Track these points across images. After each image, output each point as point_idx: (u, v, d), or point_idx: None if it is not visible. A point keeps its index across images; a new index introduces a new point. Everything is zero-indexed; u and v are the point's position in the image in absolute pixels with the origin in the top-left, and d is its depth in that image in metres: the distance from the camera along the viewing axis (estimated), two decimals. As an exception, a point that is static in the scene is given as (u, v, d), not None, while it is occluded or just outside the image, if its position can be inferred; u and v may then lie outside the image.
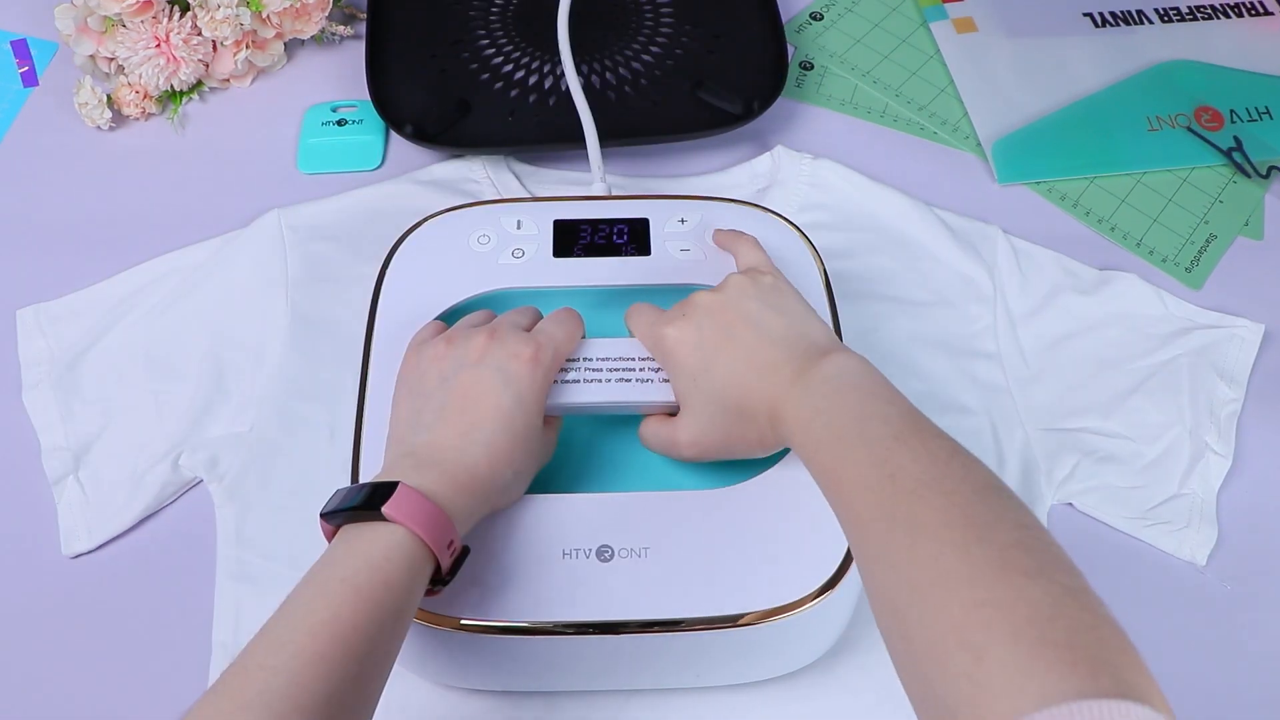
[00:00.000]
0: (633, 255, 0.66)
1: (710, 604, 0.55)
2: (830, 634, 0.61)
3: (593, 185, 0.74)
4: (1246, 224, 0.85)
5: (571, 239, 0.67)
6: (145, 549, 0.68)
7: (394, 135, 0.85)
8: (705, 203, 0.69)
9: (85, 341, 0.73)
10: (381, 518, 0.49)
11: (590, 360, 0.60)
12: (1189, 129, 0.89)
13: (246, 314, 0.74)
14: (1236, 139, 0.88)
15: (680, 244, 0.67)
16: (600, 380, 0.59)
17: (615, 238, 0.67)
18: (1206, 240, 0.84)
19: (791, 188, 0.81)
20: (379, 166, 0.85)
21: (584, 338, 0.61)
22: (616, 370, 0.60)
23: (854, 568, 0.54)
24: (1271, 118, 0.90)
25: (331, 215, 0.79)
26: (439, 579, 0.51)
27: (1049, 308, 0.77)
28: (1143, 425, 0.73)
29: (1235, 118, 0.89)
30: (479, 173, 0.82)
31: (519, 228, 0.67)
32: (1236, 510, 0.71)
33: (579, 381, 0.59)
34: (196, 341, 0.73)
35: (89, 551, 0.68)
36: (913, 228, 0.80)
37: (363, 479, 0.58)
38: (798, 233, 0.68)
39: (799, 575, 0.55)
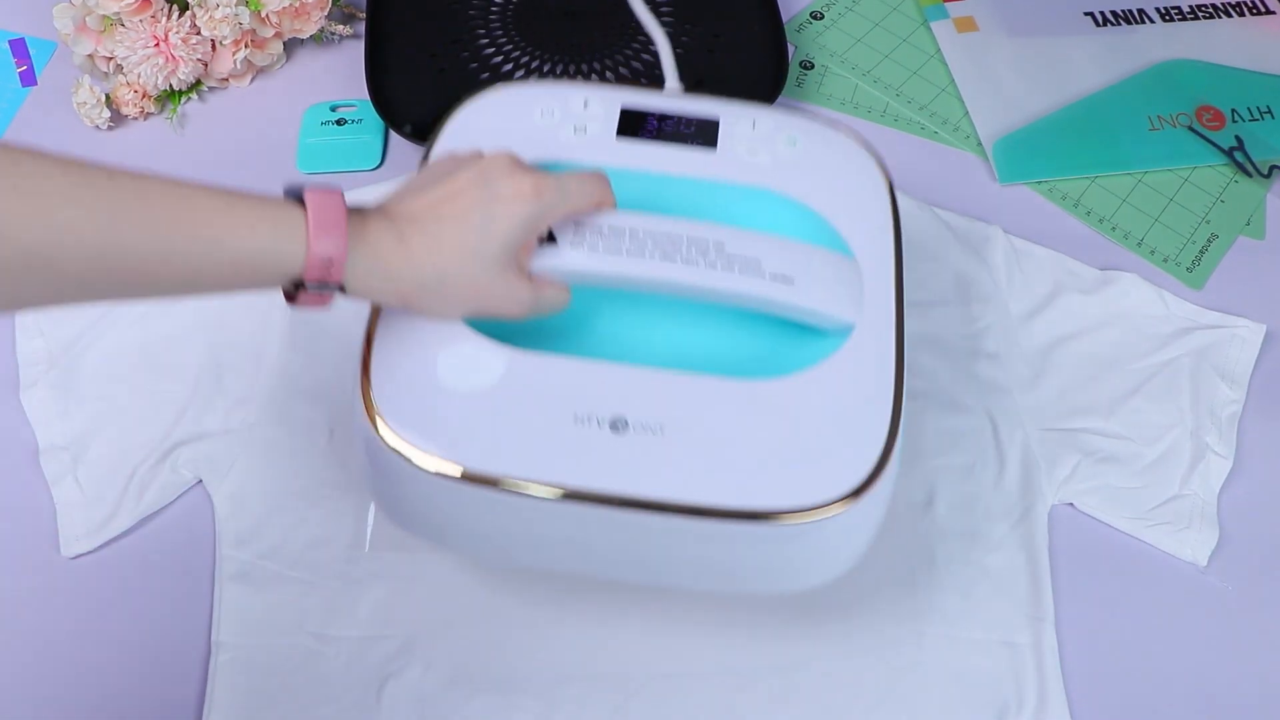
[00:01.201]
0: (698, 147, 0.63)
1: (720, 494, 0.51)
2: (850, 551, 0.57)
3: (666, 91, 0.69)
4: (1248, 223, 0.85)
5: (638, 124, 0.64)
6: (145, 549, 0.68)
7: (393, 135, 0.85)
8: (780, 113, 0.66)
9: (83, 342, 0.73)
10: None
11: (635, 233, 0.56)
12: (1190, 128, 0.89)
13: (245, 313, 0.74)
14: (1238, 138, 0.88)
15: (748, 145, 0.63)
16: (641, 255, 0.56)
17: (683, 128, 0.64)
18: (1208, 240, 0.84)
19: None
20: (378, 166, 0.84)
21: (614, 207, 0.57)
22: (660, 248, 0.56)
23: (882, 480, 0.52)
24: (1273, 117, 0.89)
25: None
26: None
27: (1050, 308, 0.77)
28: (1143, 426, 0.73)
29: (1237, 117, 0.89)
30: None
31: (585, 107, 0.64)
32: (1238, 511, 0.71)
33: (620, 253, 0.55)
34: (194, 341, 0.73)
35: (88, 552, 0.68)
36: (913, 228, 0.79)
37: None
38: (873, 159, 0.65)
39: (822, 478, 0.51)
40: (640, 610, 0.66)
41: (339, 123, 0.85)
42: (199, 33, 0.84)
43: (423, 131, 0.81)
